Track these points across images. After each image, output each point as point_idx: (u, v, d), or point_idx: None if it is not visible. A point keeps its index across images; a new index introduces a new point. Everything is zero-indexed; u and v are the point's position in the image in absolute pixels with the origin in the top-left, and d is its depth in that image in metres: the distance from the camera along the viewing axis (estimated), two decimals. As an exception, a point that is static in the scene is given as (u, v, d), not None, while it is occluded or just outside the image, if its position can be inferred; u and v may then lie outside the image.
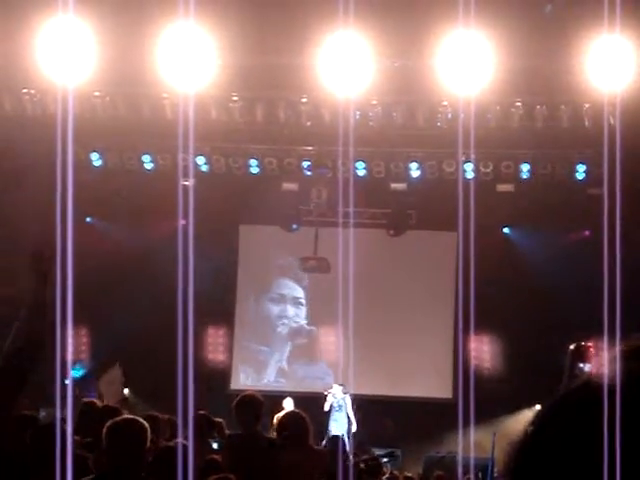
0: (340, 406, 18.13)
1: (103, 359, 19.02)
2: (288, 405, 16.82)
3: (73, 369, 18.51)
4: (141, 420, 5.88)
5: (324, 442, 15.43)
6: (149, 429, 5.77)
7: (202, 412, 8.43)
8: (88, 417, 7.86)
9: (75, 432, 7.06)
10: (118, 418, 6.00)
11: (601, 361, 1.38)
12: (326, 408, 18.03)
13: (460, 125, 15.68)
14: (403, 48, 15.57)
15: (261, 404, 8.24)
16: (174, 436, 8.20)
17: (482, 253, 13.11)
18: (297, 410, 8.61)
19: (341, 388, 18.22)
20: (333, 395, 18.18)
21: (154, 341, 17.48)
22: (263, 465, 7.52)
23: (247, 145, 18.59)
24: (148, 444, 5.74)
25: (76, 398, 12.03)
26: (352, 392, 18.32)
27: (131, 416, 6.28)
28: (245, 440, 7.87)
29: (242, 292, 21.55)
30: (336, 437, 10.64)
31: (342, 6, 12.95)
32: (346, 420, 18.05)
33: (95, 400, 9.18)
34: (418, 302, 21.19)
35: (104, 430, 5.72)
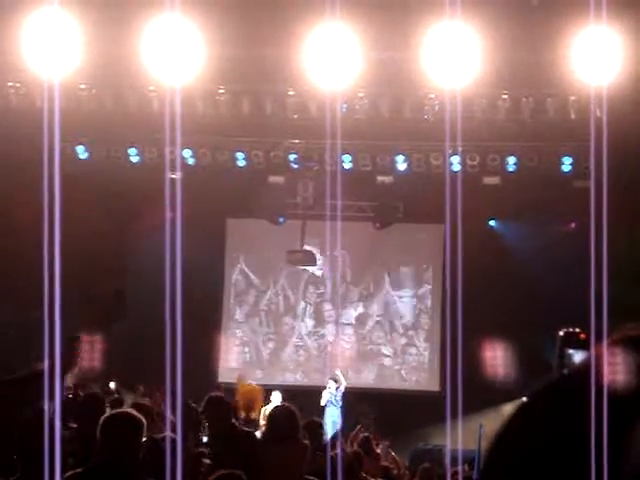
0: (337, 400, 18.24)
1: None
2: (276, 398, 16.83)
3: None
4: (137, 414, 5.84)
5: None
6: (145, 424, 5.73)
7: (193, 405, 8.42)
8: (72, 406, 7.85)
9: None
10: (114, 411, 5.97)
11: (589, 351, 1.42)
12: (322, 403, 18.11)
13: (447, 118, 15.67)
14: (389, 40, 15.54)
15: (230, 405, 8.32)
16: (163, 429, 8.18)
17: (469, 246, 13.11)
18: (287, 404, 8.58)
19: (335, 383, 18.34)
20: (329, 390, 18.28)
21: (141, 335, 17.44)
22: (252, 460, 7.50)
23: (234, 138, 18.56)
24: (143, 438, 5.69)
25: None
26: (343, 386, 18.42)
27: (127, 409, 6.24)
28: (229, 435, 7.86)
29: (229, 285, 21.55)
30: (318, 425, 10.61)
31: (328, -1, 12.93)
32: (338, 414, 18.14)
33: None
34: (405, 295, 21.21)
35: (100, 422, 5.69)
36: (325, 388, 18.42)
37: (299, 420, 7.83)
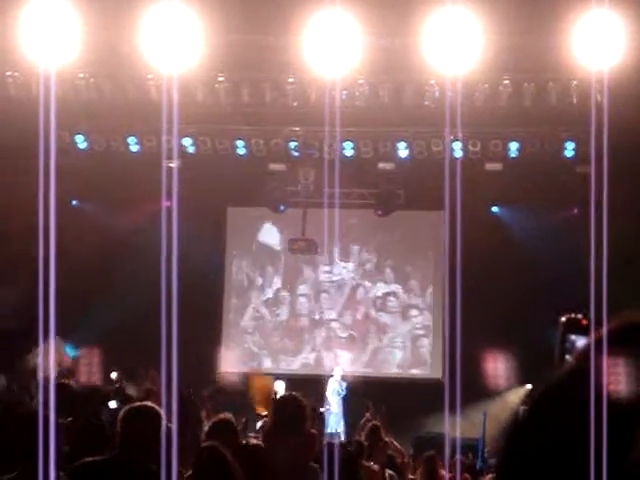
0: (342, 389, 18.24)
1: (90, 342, 18.95)
2: (279, 388, 16.78)
3: (67, 348, 18.46)
4: (158, 408, 5.80)
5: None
6: (164, 418, 5.68)
7: (192, 397, 8.35)
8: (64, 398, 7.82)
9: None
10: (136, 404, 5.97)
11: (589, 339, 1.40)
12: (327, 393, 18.04)
13: (448, 104, 15.62)
14: (390, 26, 15.47)
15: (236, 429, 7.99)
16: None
17: (471, 232, 13.08)
18: (294, 393, 8.47)
19: (341, 372, 18.36)
20: (334, 379, 18.27)
21: (141, 323, 17.41)
22: (257, 450, 7.43)
23: (233, 126, 18.51)
24: (162, 432, 5.60)
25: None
26: (344, 374, 18.45)
27: (148, 403, 6.20)
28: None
29: (230, 274, 21.54)
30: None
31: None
32: (340, 403, 18.14)
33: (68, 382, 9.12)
34: (407, 282, 21.20)
35: (121, 414, 5.67)
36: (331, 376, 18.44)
37: (307, 410, 7.74)
